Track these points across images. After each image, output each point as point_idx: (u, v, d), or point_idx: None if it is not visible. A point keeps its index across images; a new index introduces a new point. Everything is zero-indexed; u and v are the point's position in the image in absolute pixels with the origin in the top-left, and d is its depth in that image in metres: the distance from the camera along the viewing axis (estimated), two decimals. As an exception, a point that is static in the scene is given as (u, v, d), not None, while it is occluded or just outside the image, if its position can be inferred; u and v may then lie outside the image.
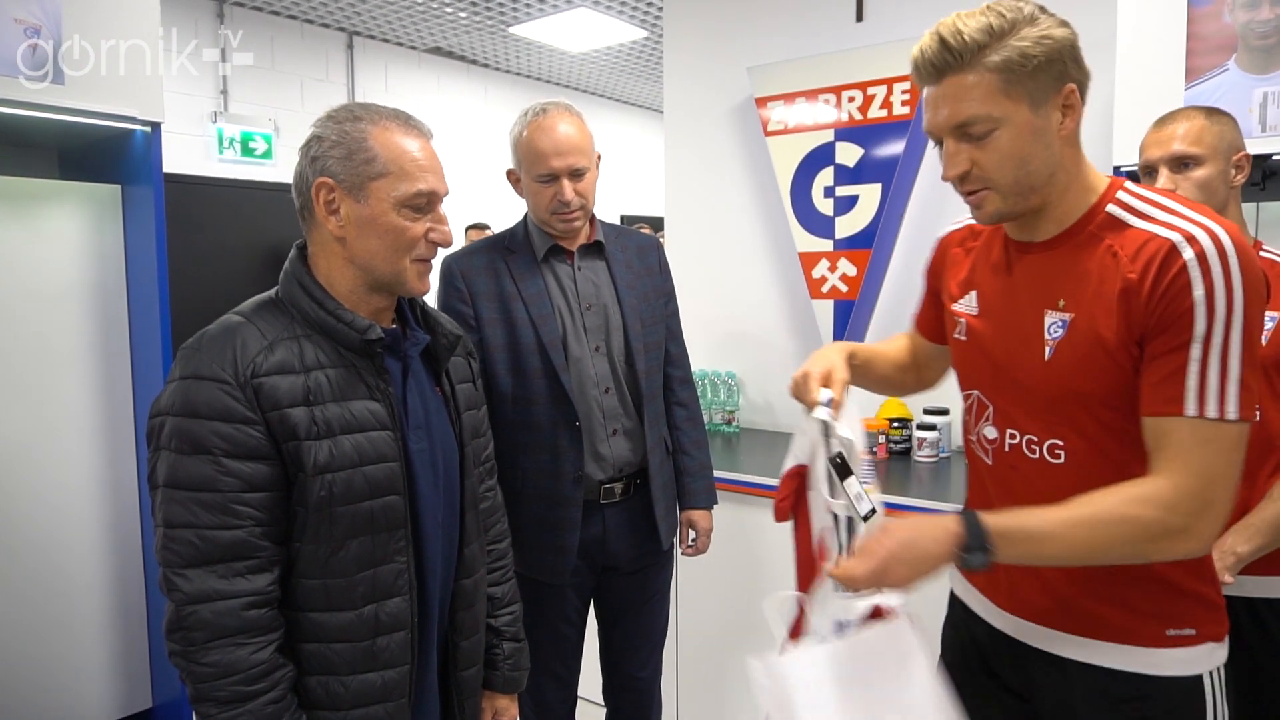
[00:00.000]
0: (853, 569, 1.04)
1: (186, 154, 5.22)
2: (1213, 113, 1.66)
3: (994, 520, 1.03)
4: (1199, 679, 1.14)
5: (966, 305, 1.26)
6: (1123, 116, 2.10)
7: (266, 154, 5.72)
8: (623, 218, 7.77)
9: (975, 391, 1.26)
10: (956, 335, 1.29)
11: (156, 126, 1.95)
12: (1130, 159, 2.08)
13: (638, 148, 8.32)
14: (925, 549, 1.03)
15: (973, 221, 1.28)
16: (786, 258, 3.09)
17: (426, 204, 1.21)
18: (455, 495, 1.32)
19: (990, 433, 1.22)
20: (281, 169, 5.75)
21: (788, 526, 1.31)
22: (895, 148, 2.73)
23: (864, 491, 1.14)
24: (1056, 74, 1.05)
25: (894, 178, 2.75)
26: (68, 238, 1.99)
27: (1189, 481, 1.00)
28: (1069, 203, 1.12)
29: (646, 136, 8.56)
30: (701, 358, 3.33)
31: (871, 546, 1.04)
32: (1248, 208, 2.09)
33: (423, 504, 1.24)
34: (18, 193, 1.95)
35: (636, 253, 1.97)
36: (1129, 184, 1.12)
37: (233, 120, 5.57)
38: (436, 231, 1.22)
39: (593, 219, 1.91)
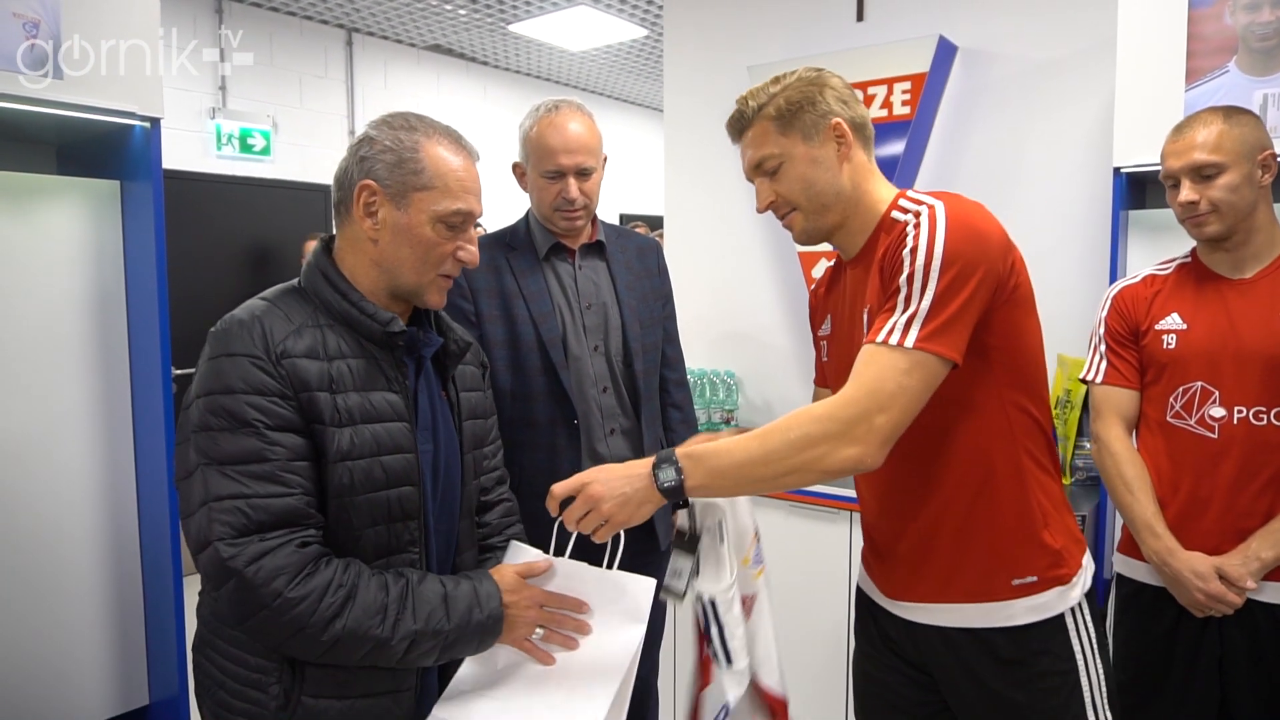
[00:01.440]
0: (555, 486, 1.18)
1: (185, 150, 5.21)
2: (1232, 114, 1.61)
3: (685, 445, 1.19)
4: (1060, 618, 1.25)
5: (825, 329, 1.45)
6: (1123, 118, 2.10)
7: (265, 150, 5.71)
8: (622, 216, 7.77)
9: None
10: (823, 358, 1.47)
11: (156, 122, 1.94)
12: (1131, 160, 2.09)
13: (637, 146, 8.30)
14: (622, 471, 1.16)
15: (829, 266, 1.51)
16: (786, 257, 3.09)
17: (462, 223, 1.24)
18: (454, 502, 1.33)
19: None
20: (280, 166, 5.74)
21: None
22: (896, 148, 2.73)
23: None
24: (820, 113, 1.27)
25: (894, 178, 2.73)
26: (66, 233, 1.98)
27: (851, 392, 1.12)
28: (862, 218, 1.31)
29: (646, 135, 8.55)
30: (700, 357, 3.33)
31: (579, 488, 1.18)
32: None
33: (426, 504, 1.26)
34: (15, 188, 1.94)
35: (636, 254, 1.98)
36: (909, 192, 1.29)
37: (231, 116, 5.55)
38: (465, 251, 1.25)
39: (594, 219, 1.91)
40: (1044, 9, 2.59)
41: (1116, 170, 2.13)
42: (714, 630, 1.30)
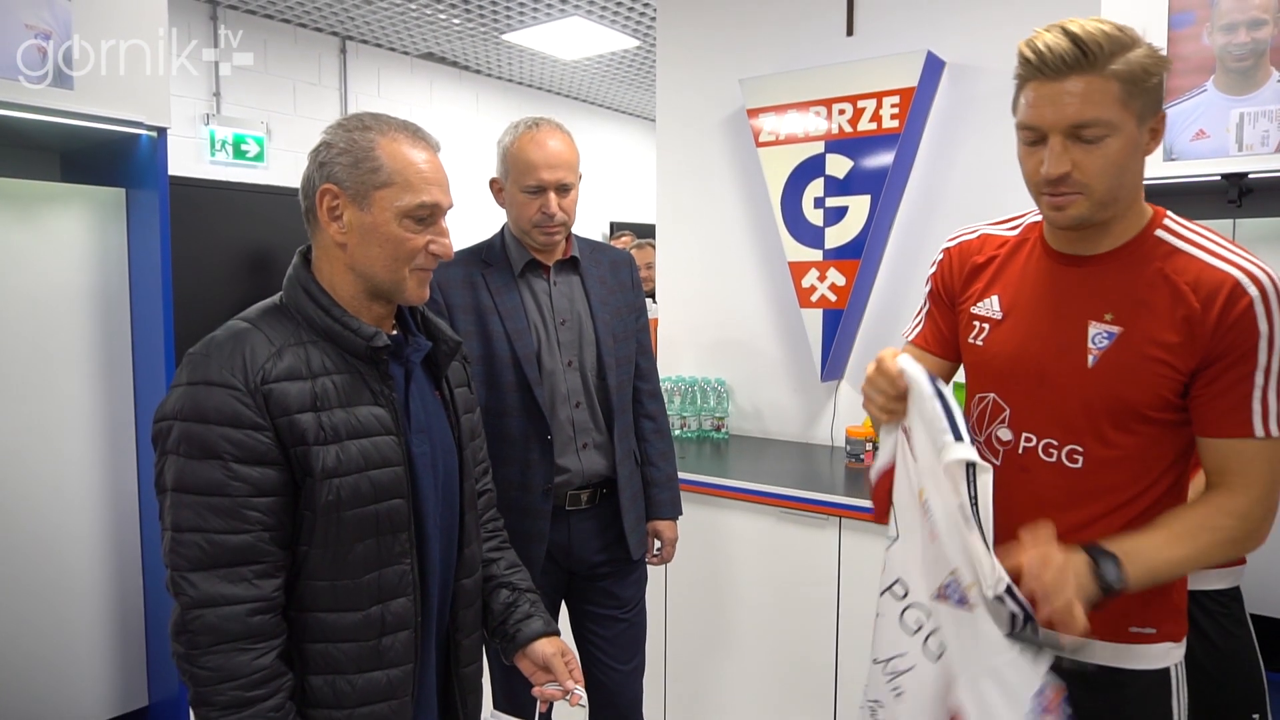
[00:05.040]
0: (1048, 577, 1.03)
1: (178, 155, 5.21)
2: None
3: (1106, 542, 1.10)
4: (1166, 672, 1.21)
5: (987, 308, 1.29)
6: (1105, 134, 2.16)
7: (259, 157, 5.72)
8: (613, 225, 7.80)
9: (991, 394, 1.28)
10: (972, 340, 1.31)
11: (163, 132, 1.97)
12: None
13: (629, 156, 8.35)
14: (1076, 565, 1.06)
15: (981, 233, 1.35)
16: (776, 267, 3.13)
17: (429, 216, 1.22)
18: (455, 497, 1.35)
19: (1004, 434, 1.26)
20: (274, 172, 5.75)
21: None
22: (884, 160, 2.79)
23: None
24: (1159, 96, 1.11)
25: (883, 189, 2.80)
26: (71, 241, 2.01)
27: (1257, 492, 1.12)
28: (1128, 221, 1.17)
29: (638, 145, 8.60)
30: (691, 365, 3.37)
31: (1042, 557, 1.05)
32: (1224, 224, 2.14)
33: (424, 506, 1.27)
34: (21, 195, 1.97)
35: (610, 268, 2.01)
36: (1169, 213, 1.19)
37: (225, 123, 5.57)
38: (437, 244, 1.24)
39: (569, 234, 1.94)
40: (1030, 25, 2.61)
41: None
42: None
